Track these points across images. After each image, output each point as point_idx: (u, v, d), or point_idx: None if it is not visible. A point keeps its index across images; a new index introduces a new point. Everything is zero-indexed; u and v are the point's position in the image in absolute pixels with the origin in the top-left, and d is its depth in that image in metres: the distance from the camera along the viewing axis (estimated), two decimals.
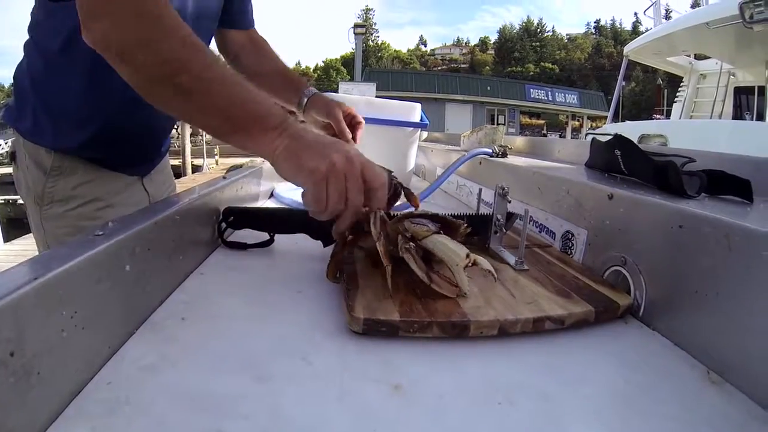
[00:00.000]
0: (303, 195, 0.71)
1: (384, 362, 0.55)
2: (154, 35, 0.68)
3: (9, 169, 1.12)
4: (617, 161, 0.96)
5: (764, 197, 0.79)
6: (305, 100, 1.25)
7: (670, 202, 0.69)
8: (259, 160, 1.38)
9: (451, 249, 0.67)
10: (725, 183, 0.79)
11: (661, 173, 0.80)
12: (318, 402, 0.47)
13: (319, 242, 0.93)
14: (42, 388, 0.41)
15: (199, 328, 0.61)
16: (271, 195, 1.51)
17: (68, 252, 0.48)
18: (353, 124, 1.22)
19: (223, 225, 0.95)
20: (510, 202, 0.89)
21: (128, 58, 0.68)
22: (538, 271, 0.80)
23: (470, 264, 0.65)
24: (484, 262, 0.66)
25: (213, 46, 1.32)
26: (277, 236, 0.96)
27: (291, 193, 1.45)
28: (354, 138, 1.18)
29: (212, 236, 0.93)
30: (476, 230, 0.91)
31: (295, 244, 0.95)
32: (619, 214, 0.78)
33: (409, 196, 0.80)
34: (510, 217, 0.92)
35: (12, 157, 1.10)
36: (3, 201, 11.90)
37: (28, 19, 0.98)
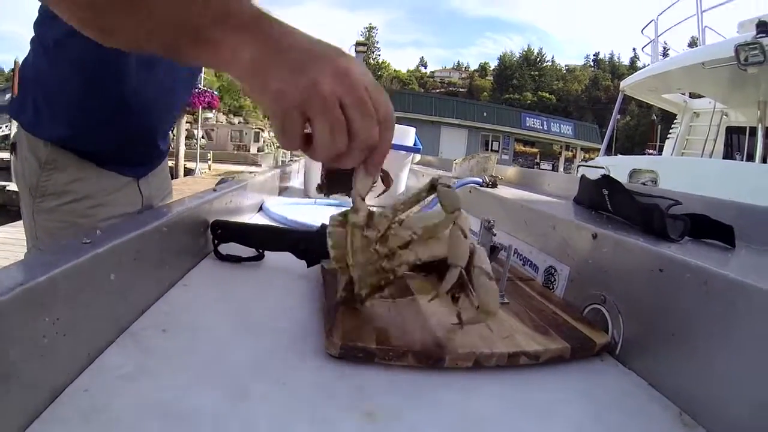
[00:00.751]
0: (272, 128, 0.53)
1: (359, 388, 0.56)
2: None
3: (3, 155, 1.15)
4: (604, 200, 0.98)
5: (746, 242, 0.81)
6: None
7: (652, 246, 0.70)
8: (249, 172, 1.38)
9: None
10: (709, 227, 0.81)
11: (646, 215, 0.82)
12: (290, 425, 0.48)
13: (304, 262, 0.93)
14: (21, 393, 0.41)
15: (178, 340, 0.61)
16: (260, 209, 1.52)
17: (54, 258, 0.48)
18: None
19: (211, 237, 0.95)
20: (495, 235, 0.90)
21: None
22: (518, 305, 0.81)
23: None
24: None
25: None
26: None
27: (280, 209, 1.45)
28: None
29: (199, 248, 0.93)
30: None
31: (281, 260, 0.95)
32: (602, 253, 0.80)
33: (386, 177, 0.70)
34: (494, 250, 0.93)
35: (12, 147, 1.13)
36: None
37: (31, 4, 1.01)
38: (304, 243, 0.89)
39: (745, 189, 4.06)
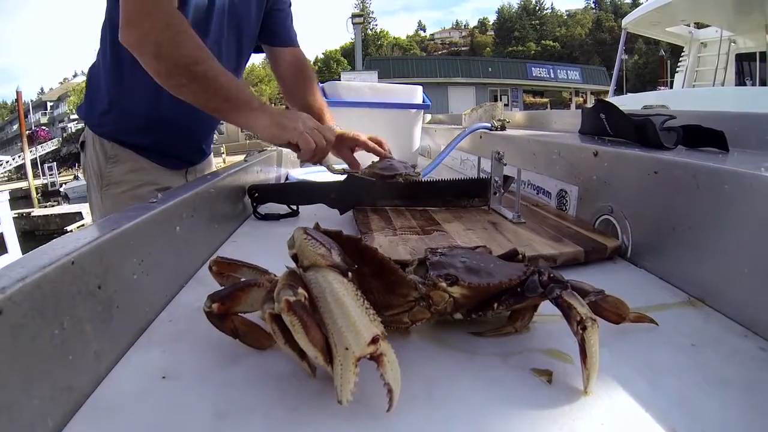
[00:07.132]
0: (297, 147, 1.03)
1: None
2: (179, 38, 0.95)
3: (21, 184, 1.26)
4: (603, 124, 1.04)
5: (741, 148, 0.86)
6: None
7: (645, 153, 0.78)
8: (273, 147, 1.48)
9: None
10: (702, 136, 0.87)
11: (641, 130, 0.88)
12: None
13: (336, 211, 1.02)
14: (120, 319, 0.50)
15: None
16: (286, 179, 1.60)
17: (133, 213, 0.58)
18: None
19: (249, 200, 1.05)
20: (506, 165, 0.97)
21: (160, 54, 0.94)
22: (535, 224, 0.89)
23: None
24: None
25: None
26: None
27: (304, 177, 1.53)
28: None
29: (240, 210, 1.04)
30: (476, 193, 1.00)
31: (315, 214, 1.04)
32: (604, 168, 0.87)
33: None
34: (507, 179, 1.00)
35: (81, 145, 1.36)
36: (17, 215, 11.95)
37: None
38: (335, 192, 0.98)
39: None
